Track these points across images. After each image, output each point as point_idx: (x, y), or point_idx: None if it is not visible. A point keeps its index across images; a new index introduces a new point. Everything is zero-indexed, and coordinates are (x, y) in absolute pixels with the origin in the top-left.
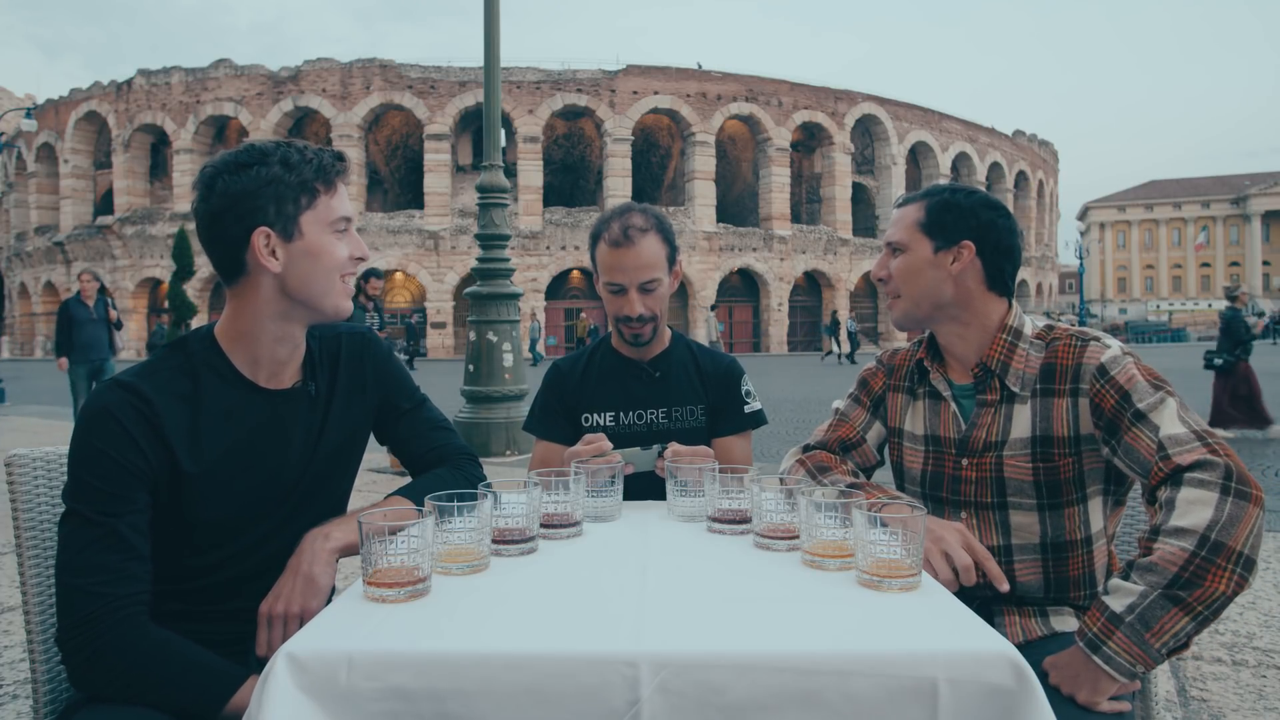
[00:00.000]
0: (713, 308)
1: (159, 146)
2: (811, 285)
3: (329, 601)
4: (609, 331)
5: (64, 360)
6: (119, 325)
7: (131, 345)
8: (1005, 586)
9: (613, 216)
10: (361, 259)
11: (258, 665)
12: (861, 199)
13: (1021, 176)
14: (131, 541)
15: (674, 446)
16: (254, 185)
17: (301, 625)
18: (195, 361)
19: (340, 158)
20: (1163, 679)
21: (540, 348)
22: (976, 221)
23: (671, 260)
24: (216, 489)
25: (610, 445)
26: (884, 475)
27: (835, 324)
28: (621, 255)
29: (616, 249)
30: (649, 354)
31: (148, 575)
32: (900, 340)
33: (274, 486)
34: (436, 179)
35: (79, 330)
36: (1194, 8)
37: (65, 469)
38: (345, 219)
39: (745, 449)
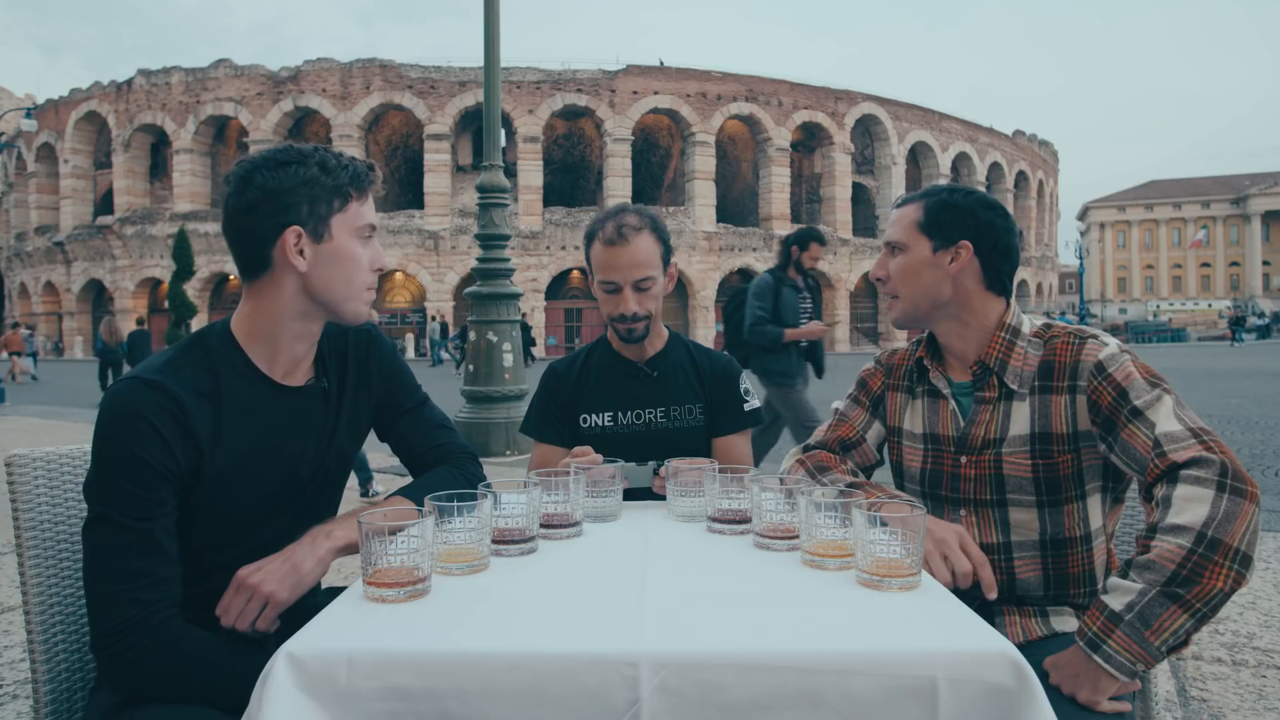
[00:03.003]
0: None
1: (159, 146)
2: None
3: (323, 601)
4: (605, 332)
5: None
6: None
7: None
8: (993, 595)
9: (607, 216)
10: (380, 269)
11: (229, 631)
12: (861, 199)
13: (1021, 176)
14: (164, 545)
15: (674, 463)
16: (291, 183)
17: (264, 609)
18: (215, 358)
19: (372, 168)
20: (1163, 679)
21: (444, 352)
22: (975, 221)
23: (666, 260)
24: (236, 485)
25: (601, 459)
26: (884, 475)
27: None
28: (616, 254)
29: (611, 247)
30: (646, 354)
31: (178, 577)
32: (900, 340)
33: (291, 483)
34: (436, 179)
35: None
36: (1187, 8)
37: (66, 469)
38: (371, 227)
39: (746, 447)
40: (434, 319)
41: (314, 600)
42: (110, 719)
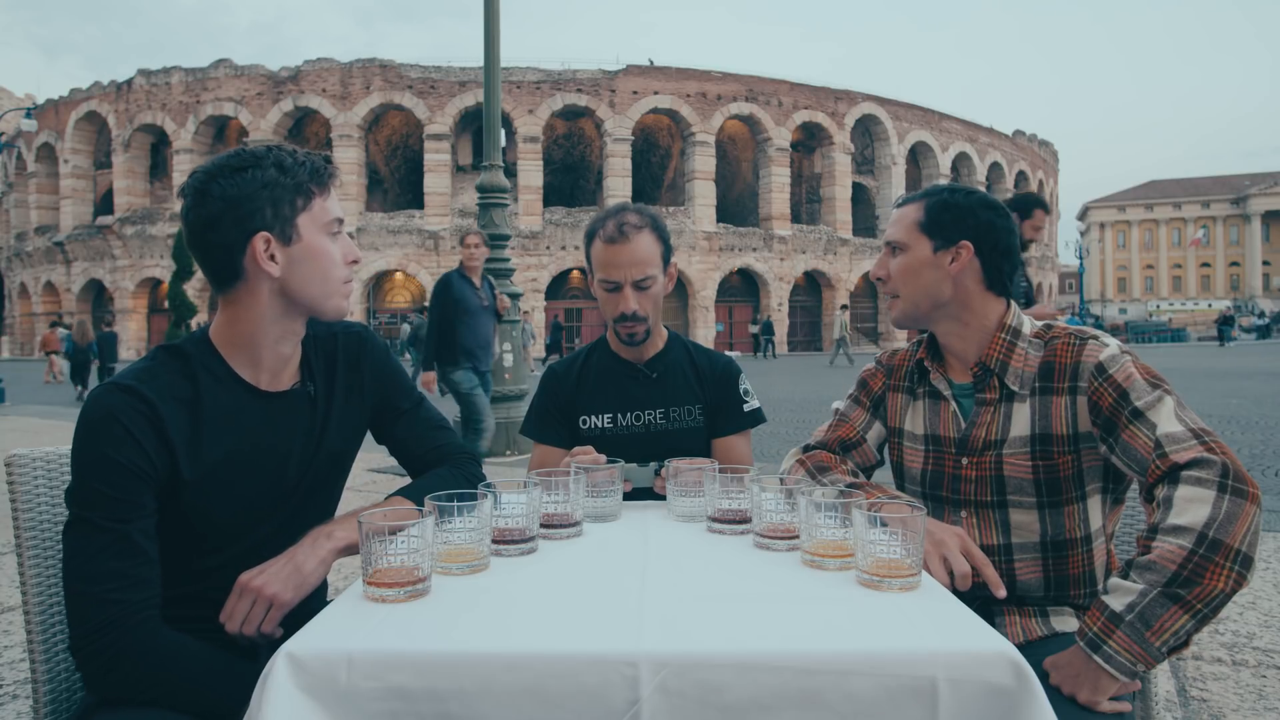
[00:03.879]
0: (844, 306)
1: (159, 146)
2: (811, 285)
3: (324, 603)
4: (605, 334)
5: (432, 376)
6: (501, 319)
7: (131, 346)
8: (1002, 593)
9: (608, 215)
10: (354, 262)
11: (235, 637)
12: (861, 199)
13: (1021, 176)
14: (142, 547)
15: (675, 463)
16: (251, 188)
17: (269, 612)
18: (194, 365)
19: (329, 161)
20: (1163, 679)
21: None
22: (975, 221)
23: (666, 259)
24: (217, 493)
25: (604, 459)
26: (884, 475)
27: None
28: (617, 252)
29: (611, 245)
30: (645, 355)
31: (158, 580)
32: (900, 340)
33: (275, 489)
34: (436, 179)
35: (468, 325)
36: (1184, 9)
37: (66, 469)
38: (338, 220)
39: (746, 448)
40: (409, 319)
41: (314, 606)
42: (86, 716)
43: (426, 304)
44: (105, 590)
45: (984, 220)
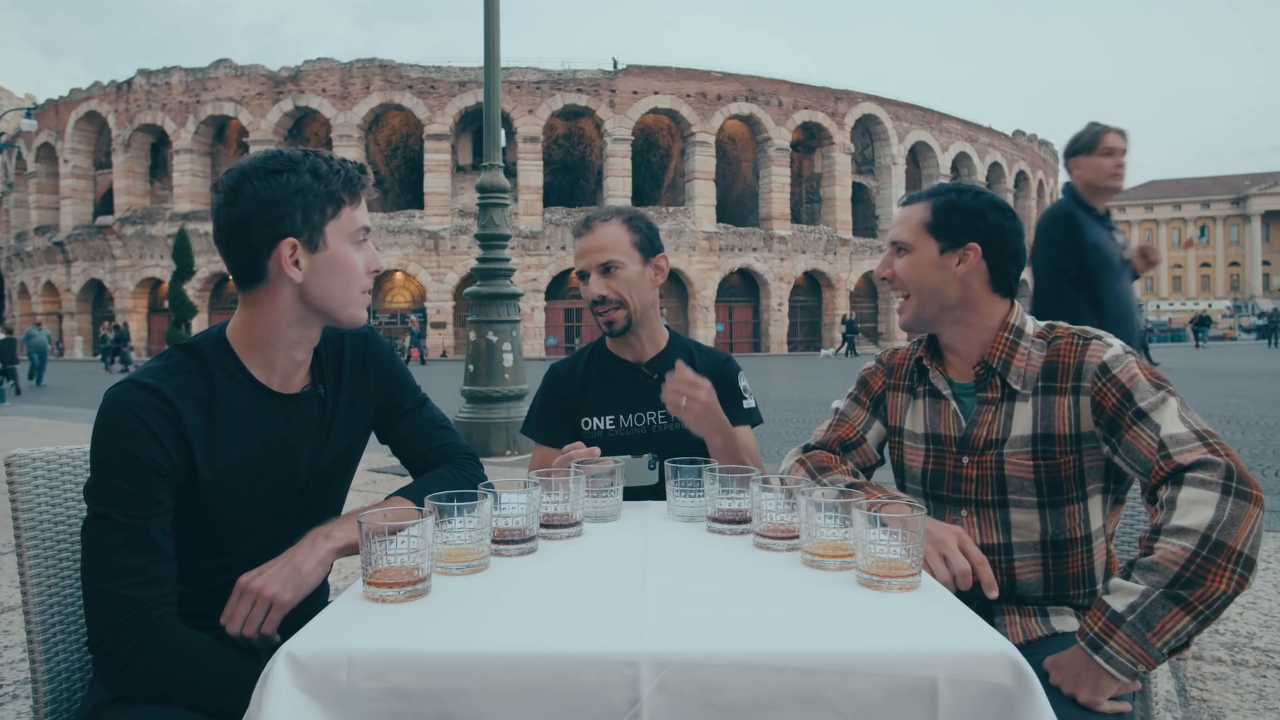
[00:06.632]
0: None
1: (159, 146)
2: (811, 285)
3: (325, 603)
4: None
5: None
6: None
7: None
8: (994, 594)
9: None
10: (375, 271)
11: (235, 639)
12: (861, 199)
13: (1021, 176)
14: (159, 543)
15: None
16: (284, 193)
17: (269, 612)
18: (209, 365)
19: (364, 170)
20: (1163, 679)
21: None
22: (984, 224)
23: (645, 250)
24: (230, 493)
25: (598, 451)
26: (884, 475)
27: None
28: (583, 241)
29: (580, 237)
30: (645, 355)
31: (174, 577)
32: (900, 339)
33: (286, 490)
34: (436, 179)
35: (1111, 292)
36: (1179, 10)
37: (66, 469)
38: (366, 229)
39: (750, 436)
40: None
41: (315, 606)
42: (96, 714)
43: (427, 303)
44: (123, 586)
45: (993, 222)
